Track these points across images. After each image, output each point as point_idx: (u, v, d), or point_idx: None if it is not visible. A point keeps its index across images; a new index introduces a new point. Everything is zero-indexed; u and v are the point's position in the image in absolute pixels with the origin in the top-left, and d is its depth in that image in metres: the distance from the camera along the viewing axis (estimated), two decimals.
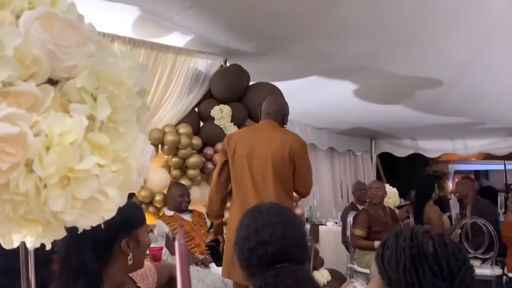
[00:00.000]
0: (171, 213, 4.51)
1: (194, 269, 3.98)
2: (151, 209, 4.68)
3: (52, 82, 0.75)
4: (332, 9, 4.26)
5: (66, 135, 0.70)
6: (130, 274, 1.78)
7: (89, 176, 0.72)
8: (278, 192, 3.31)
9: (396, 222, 5.36)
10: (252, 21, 4.57)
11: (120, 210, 0.84)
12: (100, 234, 1.53)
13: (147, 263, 1.88)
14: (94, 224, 0.78)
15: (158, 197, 4.68)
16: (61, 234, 0.76)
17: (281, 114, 3.55)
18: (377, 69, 5.67)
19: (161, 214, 4.61)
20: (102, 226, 0.82)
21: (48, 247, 0.77)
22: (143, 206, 4.57)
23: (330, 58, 5.40)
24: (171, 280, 1.91)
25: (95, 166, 0.72)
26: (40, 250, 0.84)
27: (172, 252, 4.14)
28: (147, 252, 3.62)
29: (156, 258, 3.47)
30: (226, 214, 3.72)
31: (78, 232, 1.47)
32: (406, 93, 6.55)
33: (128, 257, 1.63)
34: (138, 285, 1.79)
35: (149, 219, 4.65)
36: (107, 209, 0.77)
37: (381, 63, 5.52)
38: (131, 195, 4.12)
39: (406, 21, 4.50)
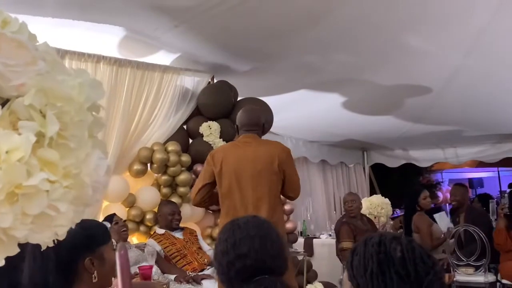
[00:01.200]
0: (162, 231, 4.50)
1: (185, 287, 3.96)
2: (142, 228, 4.67)
3: (2, 100, 0.76)
4: (318, 24, 4.31)
5: (13, 152, 0.71)
6: None
7: (38, 192, 0.73)
8: (271, 205, 3.37)
9: (375, 229, 5.36)
10: (239, 38, 4.61)
11: (84, 228, 0.85)
12: (63, 253, 1.53)
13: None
14: (48, 240, 0.79)
15: (148, 216, 4.67)
16: (13, 250, 0.76)
17: (259, 125, 3.60)
18: (365, 80, 5.72)
19: (152, 233, 4.60)
20: (64, 244, 0.82)
21: (1, 263, 0.77)
22: (133, 225, 4.55)
23: (317, 71, 5.44)
24: None
25: (44, 182, 0.73)
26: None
27: (163, 271, 4.13)
28: (136, 270, 3.62)
29: (145, 276, 3.45)
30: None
31: (41, 252, 1.49)
32: (395, 103, 6.58)
33: (93, 275, 1.62)
34: None
35: (140, 238, 4.64)
36: (60, 224, 0.78)
37: (368, 74, 5.56)
38: (112, 215, 4.12)
39: (391, 31, 4.54)
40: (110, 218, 4.08)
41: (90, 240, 1.63)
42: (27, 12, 3.63)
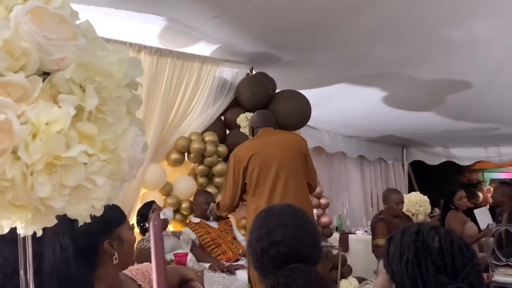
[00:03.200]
0: (197, 220, 4.55)
1: (220, 276, 3.99)
2: (177, 216, 4.72)
3: (44, 73, 0.78)
4: (357, 16, 4.25)
5: (53, 124, 0.73)
6: (130, 274, 1.79)
7: (76, 164, 0.74)
8: (300, 189, 3.53)
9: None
10: (278, 30, 4.59)
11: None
12: (81, 240, 1.56)
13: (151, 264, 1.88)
14: (85, 213, 0.80)
15: (184, 205, 4.72)
16: (51, 221, 0.78)
17: (273, 121, 3.86)
18: (406, 75, 5.61)
19: (187, 221, 4.65)
20: (80, 231, 0.83)
21: (39, 234, 0.79)
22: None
23: (357, 65, 5.38)
24: (184, 283, 1.92)
25: (82, 154, 0.74)
26: None
27: (199, 259, 4.17)
28: (172, 257, 3.67)
29: (180, 263, 3.50)
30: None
31: (59, 243, 1.51)
32: (437, 99, 6.44)
33: (114, 257, 1.64)
34: (138, 283, 1.80)
35: (176, 226, 4.69)
36: (97, 197, 0.79)
37: (409, 69, 5.46)
38: (152, 202, 4.20)
39: (434, 25, 4.44)
40: (149, 204, 4.15)
41: (106, 223, 1.64)
42: (72, 0, 3.71)
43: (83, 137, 0.76)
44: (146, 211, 4.11)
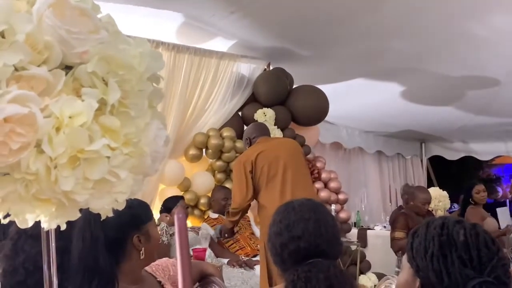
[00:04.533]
0: (215, 215, 4.56)
1: (238, 271, 3.99)
2: (196, 212, 4.74)
3: (66, 67, 0.78)
4: (375, 10, 4.21)
5: (76, 117, 0.72)
6: (150, 270, 1.81)
7: (100, 158, 0.74)
8: (310, 187, 3.72)
9: None
10: (295, 25, 4.57)
11: (128, 207, 0.86)
12: (112, 232, 1.57)
13: (171, 260, 1.90)
14: (108, 206, 0.80)
15: (203, 200, 4.73)
16: (75, 215, 0.78)
17: (269, 132, 4.04)
18: (425, 69, 5.56)
19: (205, 217, 4.66)
20: (111, 223, 0.84)
21: (63, 227, 0.79)
22: (189, 209, 4.63)
23: (375, 59, 5.34)
24: (204, 278, 1.92)
25: (105, 148, 0.74)
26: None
27: (217, 255, 4.18)
28: (191, 252, 3.68)
29: (199, 259, 3.51)
30: None
31: (90, 232, 1.52)
32: (456, 94, 6.38)
33: (140, 252, 1.66)
34: (158, 279, 1.81)
35: (194, 222, 4.71)
36: (120, 191, 0.79)
37: (428, 63, 5.40)
38: (180, 197, 4.21)
39: (452, 18, 4.39)
40: (176, 198, 4.16)
41: (136, 218, 1.67)
42: None
43: (106, 130, 0.76)
44: (172, 204, 4.11)
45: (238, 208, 3.66)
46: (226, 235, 3.99)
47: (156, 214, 4.23)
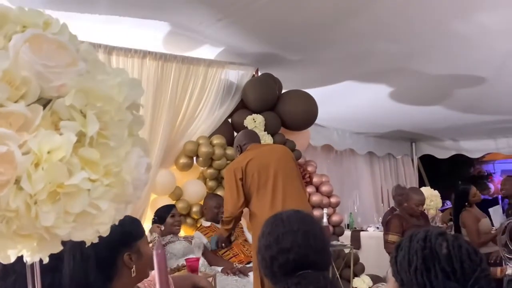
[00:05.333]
0: (208, 223, 4.55)
1: (232, 279, 4.00)
2: (188, 220, 4.74)
3: (45, 101, 0.78)
4: (362, 12, 4.23)
5: (55, 152, 0.73)
6: (142, 286, 1.80)
7: (80, 191, 0.74)
8: (301, 194, 3.65)
9: (428, 223, 5.23)
10: (282, 30, 4.58)
11: (119, 224, 0.87)
12: (102, 251, 1.56)
13: None
14: (90, 237, 0.80)
15: (195, 209, 4.73)
16: (57, 248, 0.79)
17: (260, 139, 4.06)
18: (413, 69, 5.58)
19: (198, 225, 4.66)
20: (101, 242, 0.84)
21: (45, 261, 0.79)
22: (181, 218, 4.62)
23: (363, 61, 5.35)
24: None
25: (85, 181, 0.75)
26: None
27: (211, 263, 4.18)
28: (184, 262, 3.67)
29: (193, 268, 3.50)
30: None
31: (80, 251, 1.52)
32: (445, 93, 6.41)
33: (132, 270, 1.66)
34: None
35: (187, 231, 4.70)
36: (102, 222, 0.80)
37: (416, 63, 5.42)
38: (171, 206, 4.21)
39: (439, 19, 4.41)
40: (168, 207, 4.15)
41: (127, 236, 1.66)
42: (76, 9, 3.73)
43: (86, 162, 0.76)
44: (165, 214, 4.12)
45: (231, 216, 3.68)
46: (223, 244, 4.00)
47: (148, 224, 4.22)
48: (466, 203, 5.59)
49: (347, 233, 6.70)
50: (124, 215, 0.89)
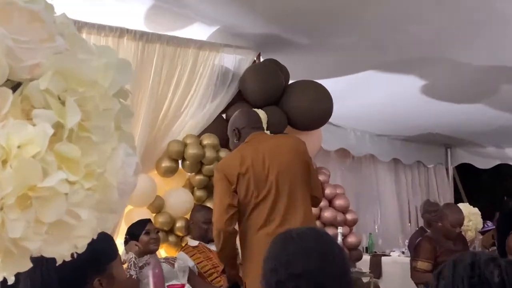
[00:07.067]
0: (195, 243, 4.55)
1: None
2: (171, 238, 4.73)
3: (13, 84, 0.78)
4: None
5: (27, 147, 0.73)
6: None
7: (56, 195, 0.74)
8: (306, 208, 3.52)
9: (466, 248, 5.23)
10: (290, 7, 4.59)
11: (88, 243, 0.86)
12: (67, 275, 1.56)
13: None
14: (66, 253, 0.80)
15: (179, 224, 4.72)
16: (25, 265, 0.78)
17: (262, 123, 3.89)
18: (449, 59, 5.60)
19: (183, 245, 4.65)
20: (66, 264, 0.84)
21: (10, 281, 0.79)
22: (161, 234, 4.61)
23: (388, 48, 5.37)
24: None
25: (62, 183, 0.74)
26: None
27: None
28: None
29: None
30: None
31: (41, 275, 1.51)
32: (489, 88, 6.44)
33: None
34: None
35: (169, 250, 4.70)
36: (81, 234, 0.79)
37: (453, 51, 5.44)
38: (146, 221, 4.18)
39: None
40: (143, 223, 4.11)
41: (97, 257, 1.65)
42: None
43: (63, 161, 0.76)
44: (138, 230, 4.09)
45: (218, 229, 3.52)
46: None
47: (122, 241, 4.22)
48: None
49: (366, 258, 6.72)
50: (106, 227, 0.89)
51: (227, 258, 3.65)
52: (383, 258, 6.96)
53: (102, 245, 1.72)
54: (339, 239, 5.25)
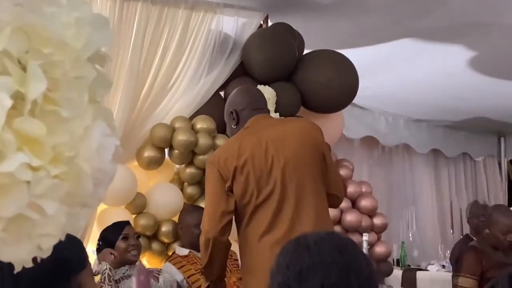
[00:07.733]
0: (185, 251, 4.56)
1: None
2: (155, 245, 4.74)
3: None
4: None
5: None
6: None
7: (15, 183, 0.74)
8: (320, 210, 3.47)
9: None
10: None
11: (54, 248, 0.86)
12: (26, 285, 1.57)
13: None
14: (26, 257, 0.80)
15: (165, 227, 4.73)
16: None
17: (267, 103, 3.89)
18: (503, 25, 5.58)
19: (170, 254, 4.67)
20: (26, 273, 0.84)
21: None
22: (143, 240, 4.62)
23: (428, 11, 5.35)
24: None
25: (23, 169, 0.74)
26: None
27: None
28: None
29: None
30: None
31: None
32: None
33: None
34: None
35: (153, 260, 4.71)
36: (46, 232, 0.79)
37: (508, 16, 5.43)
38: (124, 224, 4.18)
39: None
40: (118, 228, 4.11)
41: (64, 266, 1.66)
42: None
43: (24, 140, 0.76)
44: (114, 235, 4.09)
45: (208, 237, 3.52)
46: None
47: (93, 248, 4.23)
48: None
49: (397, 272, 6.73)
50: (78, 225, 0.89)
51: (215, 276, 3.65)
52: (418, 273, 6.96)
53: (70, 252, 1.73)
54: (365, 248, 5.27)
